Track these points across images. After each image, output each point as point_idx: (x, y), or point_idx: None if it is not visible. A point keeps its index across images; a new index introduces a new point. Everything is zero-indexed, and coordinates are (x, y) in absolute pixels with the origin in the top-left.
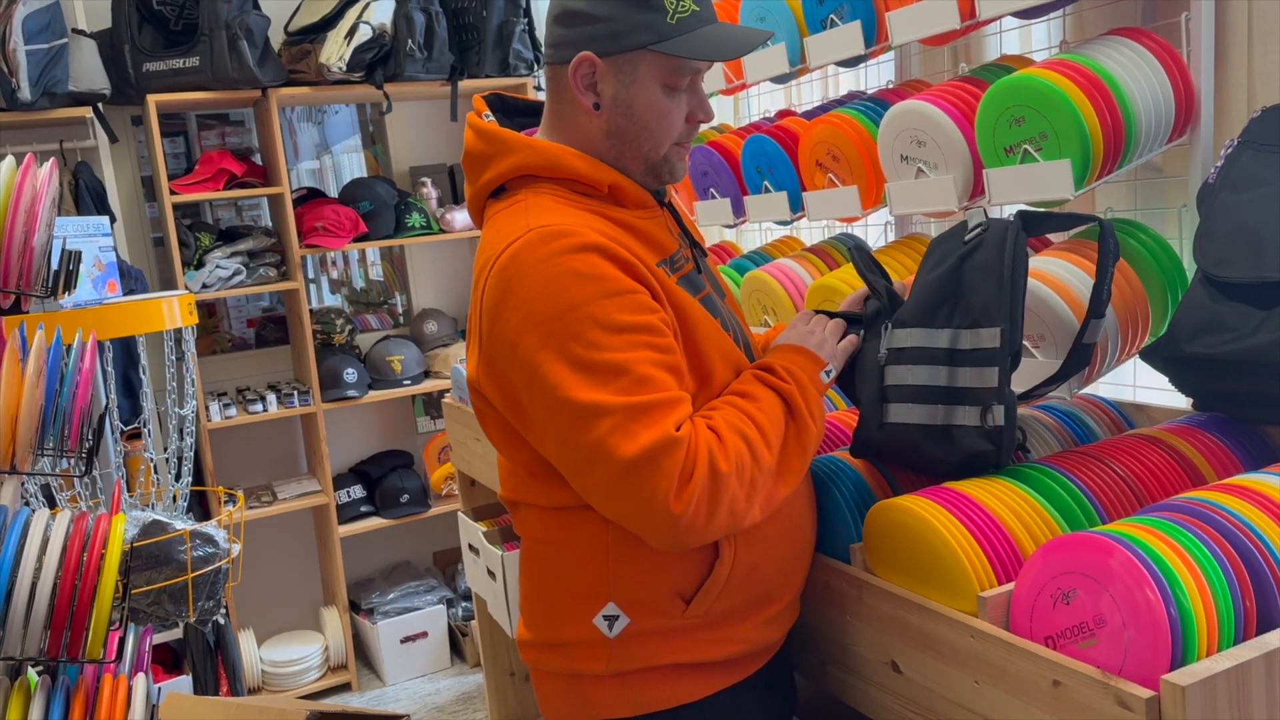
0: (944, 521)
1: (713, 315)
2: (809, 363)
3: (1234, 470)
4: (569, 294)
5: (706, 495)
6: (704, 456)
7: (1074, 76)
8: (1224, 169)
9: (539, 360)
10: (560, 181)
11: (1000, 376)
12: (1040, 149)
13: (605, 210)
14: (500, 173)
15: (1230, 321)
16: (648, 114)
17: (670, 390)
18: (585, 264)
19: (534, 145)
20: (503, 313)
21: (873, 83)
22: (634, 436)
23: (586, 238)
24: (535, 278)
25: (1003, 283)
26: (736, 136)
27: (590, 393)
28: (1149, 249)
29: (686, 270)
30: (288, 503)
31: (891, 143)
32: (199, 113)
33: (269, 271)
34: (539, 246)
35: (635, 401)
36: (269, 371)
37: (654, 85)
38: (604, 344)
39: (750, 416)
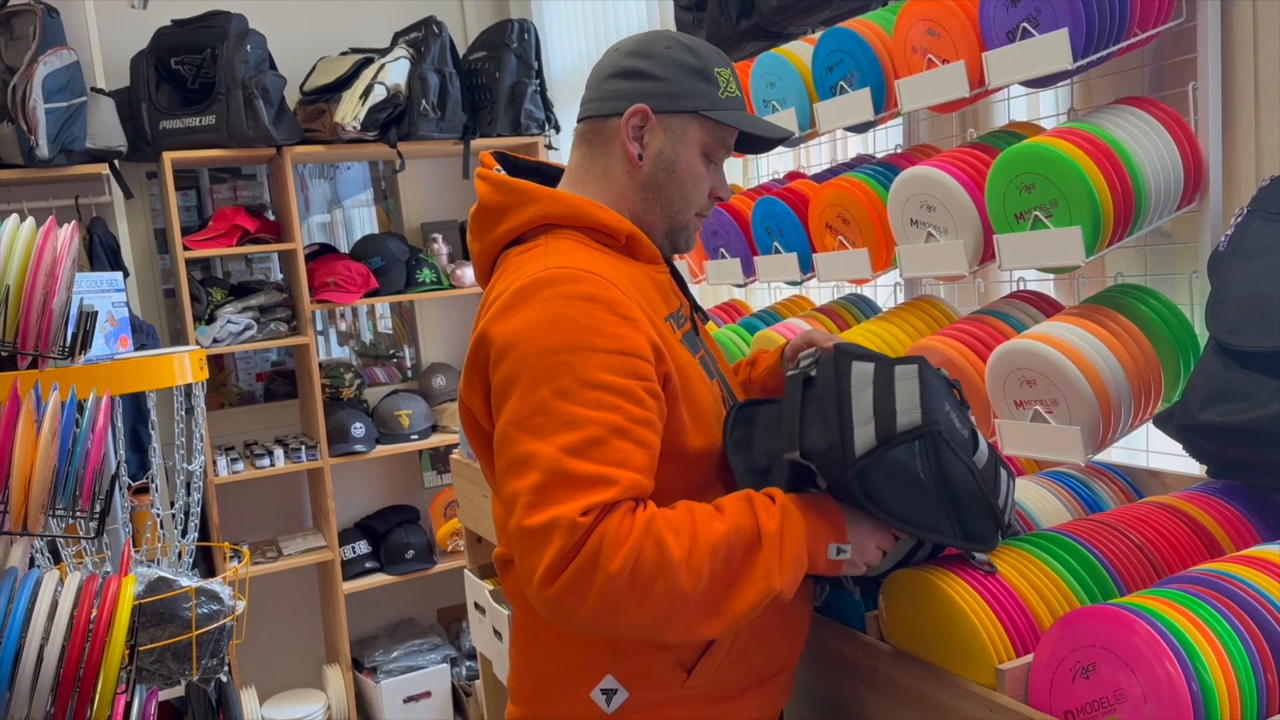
0: (961, 593)
1: (709, 377)
2: (825, 525)
3: (1251, 540)
4: (561, 336)
5: (579, 588)
6: (590, 549)
7: (1084, 145)
8: (1234, 237)
9: (511, 384)
10: (581, 229)
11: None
12: (1051, 216)
13: (621, 261)
14: (521, 222)
15: (1244, 390)
16: (686, 174)
17: (614, 467)
18: (587, 313)
19: (556, 195)
20: (502, 324)
21: (881, 146)
22: (542, 506)
23: (596, 288)
24: (539, 309)
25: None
26: (746, 198)
27: (533, 440)
28: (1160, 315)
29: (686, 329)
30: (292, 558)
31: (901, 207)
32: (212, 167)
33: (280, 326)
34: (554, 284)
35: (564, 470)
36: (277, 426)
37: (696, 149)
38: (572, 394)
39: (694, 529)
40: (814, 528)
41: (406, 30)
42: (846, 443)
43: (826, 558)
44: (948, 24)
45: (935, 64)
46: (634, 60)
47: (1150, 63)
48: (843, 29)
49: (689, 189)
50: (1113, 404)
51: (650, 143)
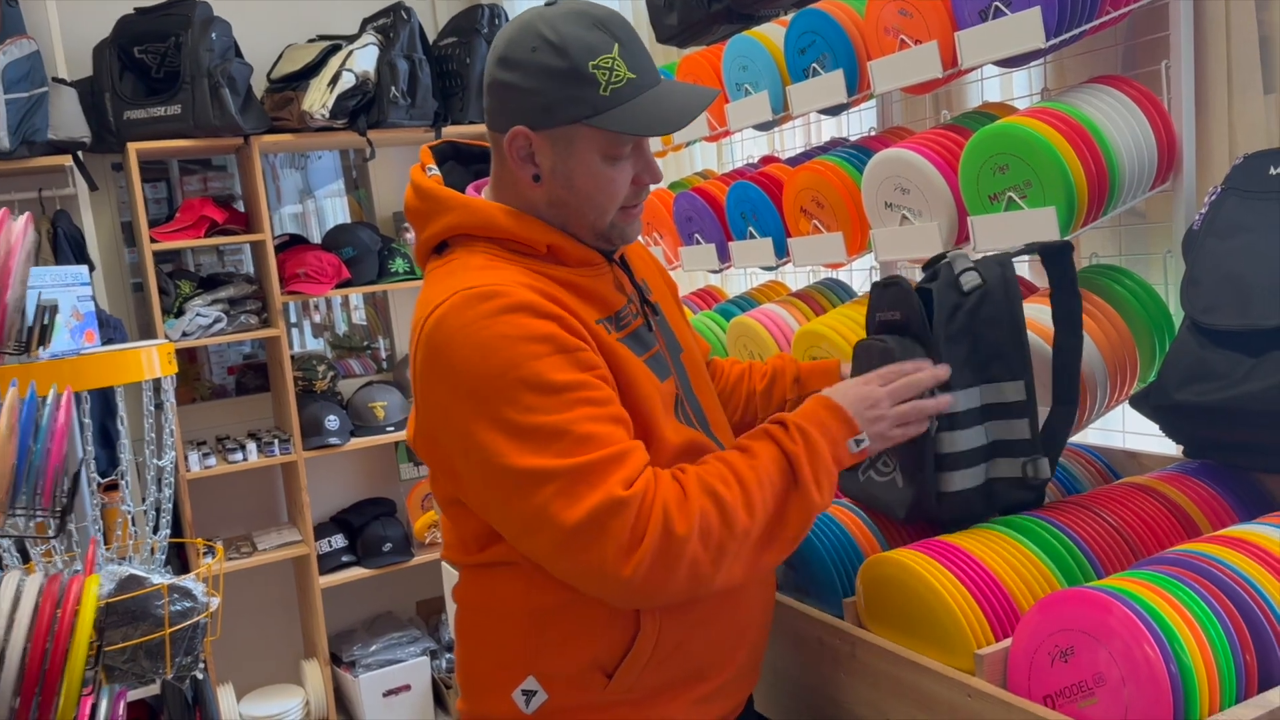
0: (940, 577)
1: (660, 374)
2: (836, 425)
3: (1228, 519)
4: (498, 358)
5: (661, 559)
6: (657, 517)
7: (1057, 124)
8: (1208, 216)
9: (473, 430)
10: (496, 240)
11: (1031, 427)
12: (1025, 196)
13: (544, 269)
14: (435, 232)
15: (1219, 369)
16: (588, 185)
17: (615, 444)
18: (513, 325)
19: (469, 205)
20: (433, 381)
21: (855, 129)
22: (578, 500)
23: (515, 297)
24: (462, 344)
25: (1017, 332)
26: (721, 183)
27: (529, 458)
28: (1135, 295)
29: (634, 326)
30: (267, 553)
31: (875, 190)
32: (181, 159)
33: (250, 319)
34: (464, 310)
35: (578, 463)
36: (249, 419)
37: (592, 156)
38: (539, 406)
39: (736, 474)
40: (828, 433)
41: (375, 16)
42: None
43: (850, 454)
44: (919, 4)
45: (908, 44)
46: (502, 72)
47: (1123, 41)
48: (815, 10)
49: (598, 197)
50: (1088, 385)
51: (542, 161)
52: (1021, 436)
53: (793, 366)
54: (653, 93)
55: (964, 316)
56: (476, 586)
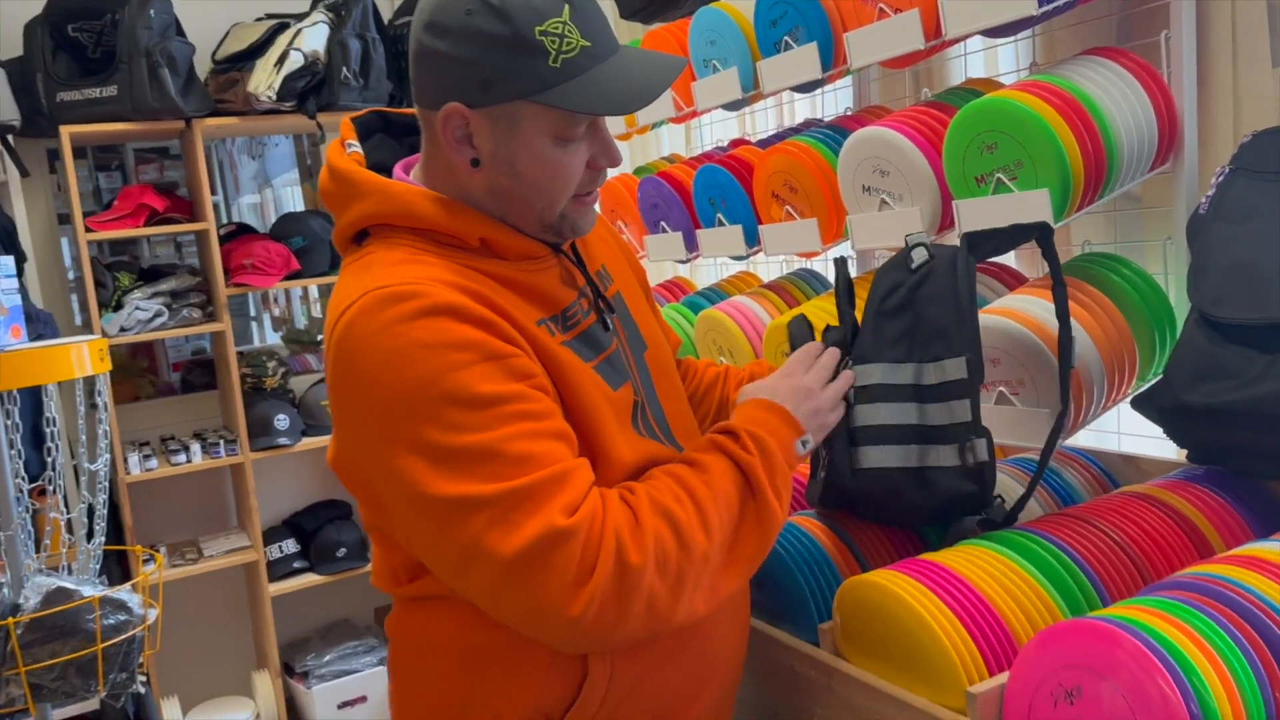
0: (927, 604)
1: (613, 381)
2: (783, 428)
3: (1240, 532)
4: (415, 370)
5: (614, 595)
6: (609, 546)
7: (1050, 99)
8: (1216, 199)
9: (390, 454)
10: (419, 232)
11: (973, 409)
12: (1015, 178)
13: (476, 264)
14: (350, 221)
15: (1231, 366)
16: (535, 171)
17: (556, 464)
18: (431, 331)
19: (387, 190)
20: (344, 397)
21: (830, 110)
22: (515, 529)
23: (434, 298)
24: (374, 354)
25: (960, 309)
26: (688, 167)
27: (456, 485)
28: (1134, 285)
29: (585, 326)
30: (214, 560)
31: (853, 173)
32: (136, 145)
33: (193, 312)
34: (376, 313)
35: (513, 487)
36: (196, 419)
37: (541, 138)
38: (465, 424)
39: (689, 492)
40: (778, 437)
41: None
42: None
43: (797, 456)
44: None
45: (887, 14)
46: (431, 39)
47: (1118, 10)
48: None
49: (546, 185)
50: (1084, 383)
51: (481, 144)
52: (961, 419)
53: (763, 370)
54: (610, 64)
55: (905, 292)
56: (407, 620)
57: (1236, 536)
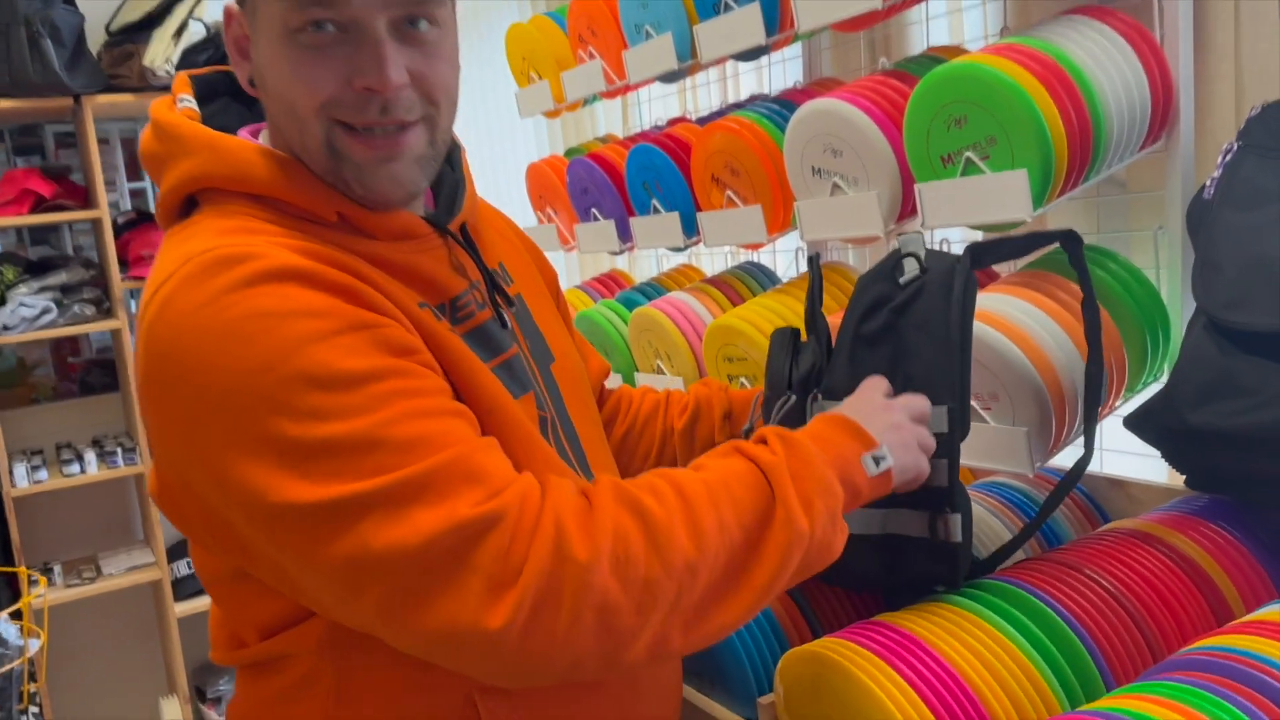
0: (886, 683)
1: (514, 388)
2: (841, 436)
3: (1256, 580)
4: (255, 347)
5: (549, 598)
6: (545, 535)
7: (1029, 64)
8: (1223, 181)
9: (230, 463)
10: (261, 200)
11: (950, 472)
12: (987, 157)
13: (339, 242)
14: (174, 185)
15: (1247, 382)
16: (272, 76)
17: (461, 442)
18: (276, 297)
19: (219, 145)
20: (162, 399)
21: (778, 84)
22: (415, 524)
23: (273, 260)
24: (198, 334)
25: (950, 346)
26: (621, 147)
27: (326, 487)
28: (1122, 282)
29: (478, 320)
30: (114, 579)
31: (801, 152)
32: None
33: (86, 309)
34: (201, 281)
35: (406, 475)
36: (96, 424)
37: (273, 30)
38: (329, 409)
39: (675, 487)
40: (828, 445)
41: None
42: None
43: (866, 476)
44: None
45: None
46: None
47: None
48: None
49: (286, 95)
50: (1067, 396)
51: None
52: (936, 483)
53: (721, 397)
54: None
55: (888, 314)
56: (254, 700)
57: (1253, 584)
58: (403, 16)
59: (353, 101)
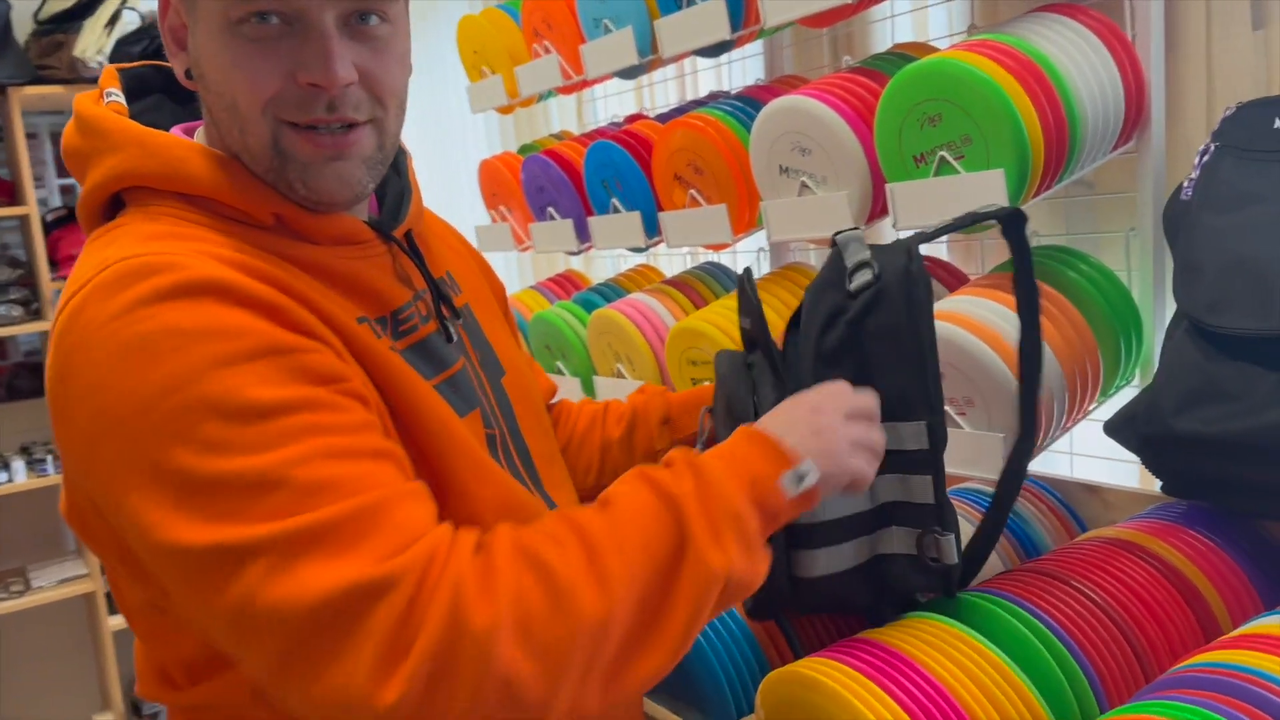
0: (878, 707)
1: (460, 405)
2: (755, 453)
3: (1240, 588)
4: (160, 368)
5: (444, 674)
6: (441, 604)
7: (1005, 61)
8: (1201, 182)
9: (122, 489)
10: (191, 201)
11: (936, 489)
12: (962, 156)
13: (272, 246)
14: (98, 182)
15: (1232, 388)
16: (213, 72)
17: (372, 490)
18: (187, 314)
19: (148, 141)
20: (64, 409)
21: (739, 81)
22: (305, 580)
23: (192, 271)
24: (104, 346)
25: (919, 358)
26: (578, 144)
27: (218, 529)
28: (1094, 283)
29: (421, 334)
30: (45, 591)
31: (767, 151)
32: None
33: (13, 309)
34: (112, 293)
35: (302, 524)
36: (24, 430)
37: (214, 23)
38: (231, 443)
39: (580, 534)
40: (741, 468)
41: None
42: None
43: (785, 498)
44: None
45: None
46: None
47: None
48: None
49: (227, 90)
50: (1044, 399)
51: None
52: (922, 500)
53: (659, 402)
54: None
55: (846, 328)
56: None
57: (1236, 593)
58: (352, 10)
59: (297, 98)
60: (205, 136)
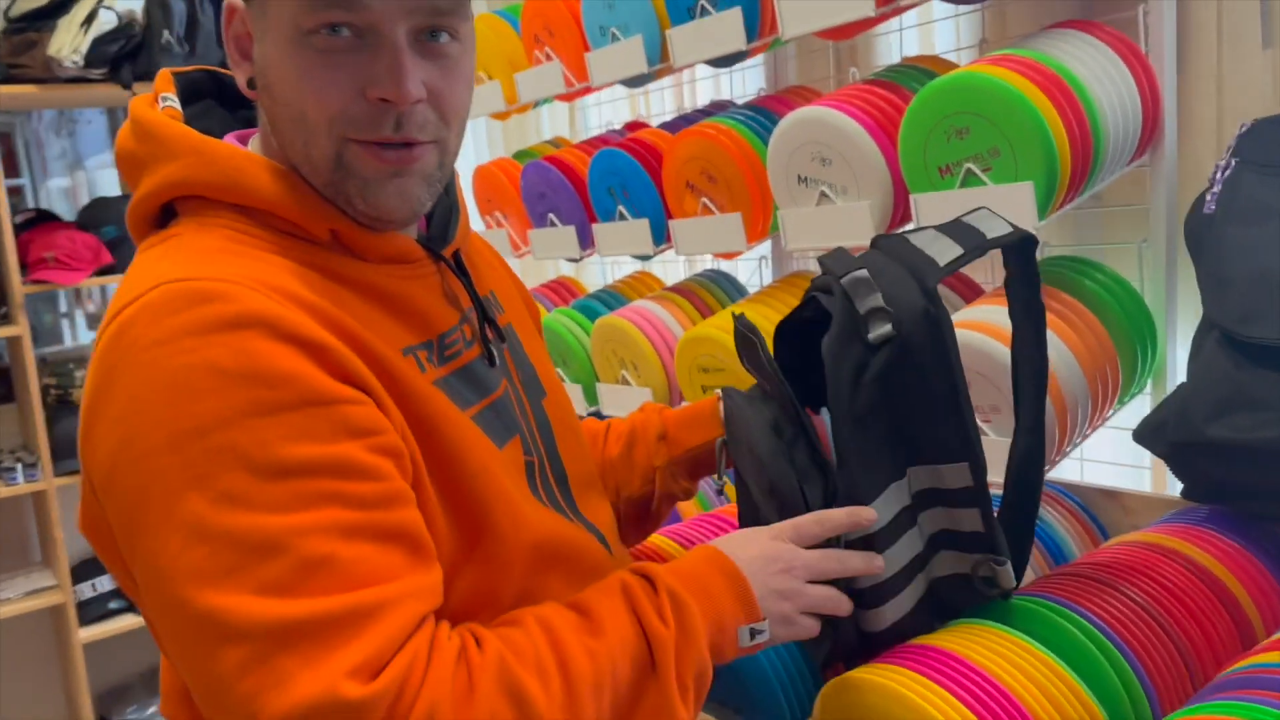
0: (947, 710)
1: (498, 436)
2: (730, 601)
3: (1269, 588)
4: (200, 405)
5: None
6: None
7: (1033, 76)
8: (1224, 196)
9: (138, 518)
10: (248, 213)
11: (985, 520)
12: (989, 169)
13: (325, 263)
14: (153, 190)
15: (1263, 396)
16: (279, 80)
17: (371, 586)
18: (235, 352)
19: (207, 150)
20: (95, 426)
21: (738, 92)
22: (279, 685)
23: (246, 305)
24: (148, 372)
25: (955, 406)
26: (580, 151)
27: (215, 590)
28: (1111, 292)
29: (465, 360)
30: (12, 604)
31: (786, 160)
32: None
33: None
34: (163, 315)
35: (290, 619)
36: None
37: (284, 31)
38: (251, 498)
39: (562, 663)
40: (713, 608)
41: None
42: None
43: (735, 647)
44: None
45: None
46: None
47: None
48: None
49: (295, 101)
50: (1068, 403)
51: (256, 53)
52: (972, 529)
53: (656, 420)
54: None
55: (872, 387)
56: None
57: (1267, 595)
58: (425, 26)
59: (365, 115)
60: (261, 147)
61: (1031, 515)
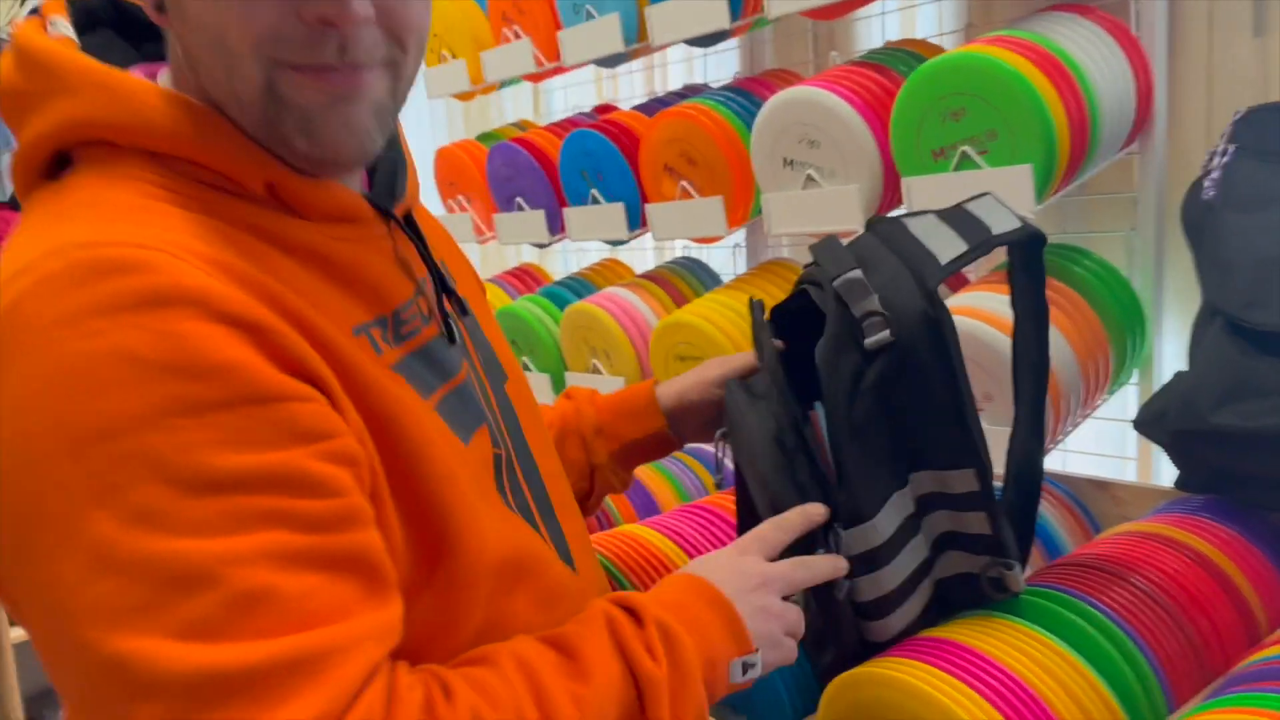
0: (965, 702)
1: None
2: (721, 634)
3: (1268, 576)
4: (109, 401)
5: None
6: None
7: (1031, 57)
8: (1224, 183)
9: (34, 535)
10: (162, 161)
11: (992, 522)
12: (985, 151)
13: (260, 223)
14: (44, 132)
15: (1269, 383)
16: (194, 5)
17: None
18: (156, 336)
19: (110, 83)
20: None
21: (712, 75)
22: None
23: (169, 276)
24: (46, 356)
25: (959, 412)
26: (550, 133)
27: (125, 632)
28: (1100, 278)
29: (424, 338)
30: None
31: (772, 142)
32: None
33: None
34: (63, 291)
35: (218, 668)
36: None
37: None
38: (172, 517)
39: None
40: (706, 643)
41: None
42: None
43: (728, 683)
44: None
45: None
46: None
47: None
48: None
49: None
50: (1062, 392)
51: None
52: (979, 531)
53: (589, 409)
54: None
55: (870, 395)
56: None
57: (1266, 582)
58: None
59: (301, 37)
60: (173, 84)
61: (1031, 518)
